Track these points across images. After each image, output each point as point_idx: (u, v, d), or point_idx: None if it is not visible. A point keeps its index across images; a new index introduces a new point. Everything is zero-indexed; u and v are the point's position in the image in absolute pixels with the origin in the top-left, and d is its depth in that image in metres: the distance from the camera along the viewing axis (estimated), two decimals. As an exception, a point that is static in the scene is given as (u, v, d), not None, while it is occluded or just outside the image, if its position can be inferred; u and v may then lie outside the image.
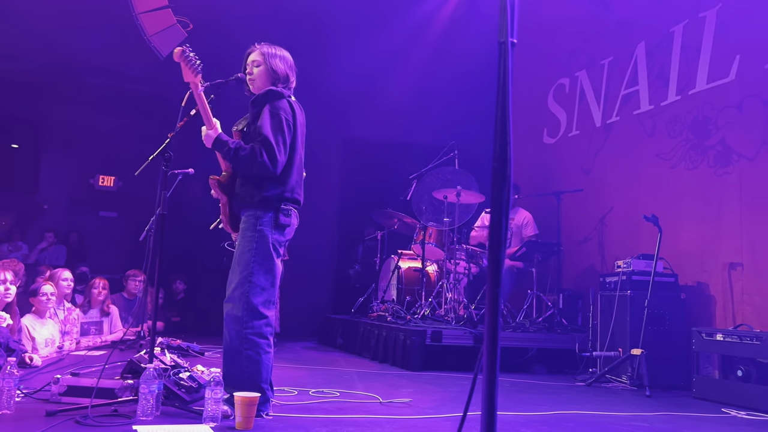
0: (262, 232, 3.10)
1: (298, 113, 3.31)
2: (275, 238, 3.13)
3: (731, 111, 5.40)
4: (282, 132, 3.13)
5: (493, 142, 1.15)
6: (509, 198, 1.15)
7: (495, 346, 1.20)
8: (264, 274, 3.09)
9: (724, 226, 5.33)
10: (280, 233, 3.16)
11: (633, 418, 3.61)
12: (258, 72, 3.32)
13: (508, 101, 1.15)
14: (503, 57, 1.16)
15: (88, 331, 5.92)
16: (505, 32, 1.18)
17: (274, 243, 3.13)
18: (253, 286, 3.06)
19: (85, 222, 9.00)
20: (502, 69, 1.16)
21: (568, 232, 6.89)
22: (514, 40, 1.21)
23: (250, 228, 3.13)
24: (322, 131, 9.13)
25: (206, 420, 2.83)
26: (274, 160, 3.06)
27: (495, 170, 1.14)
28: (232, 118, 3.47)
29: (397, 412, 3.41)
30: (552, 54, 8.10)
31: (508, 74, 1.15)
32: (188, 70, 3.07)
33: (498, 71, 1.17)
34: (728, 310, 5.19)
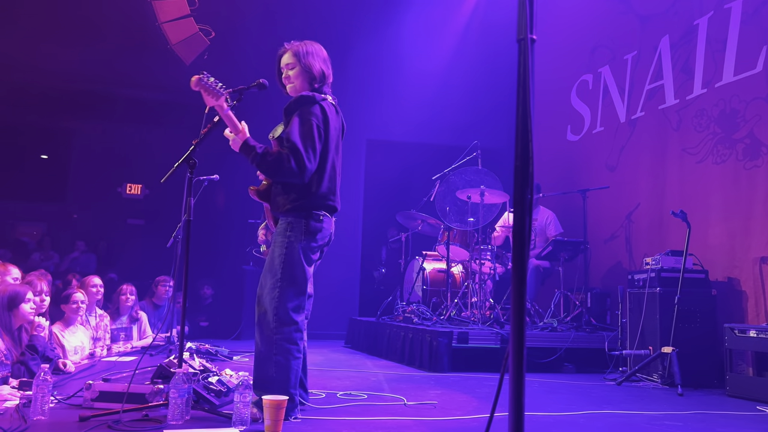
0: (292, 238, 3.11)
1: (332, 118, 3.25)
2: (305, 244, 3.13)
3: (759, 103, 5.30)
4: (312, 139, 3.08)
5: (515, 141, 1.14)
6: (532, 197, 1.14)
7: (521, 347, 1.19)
8: (293, 281, 3.09)
9: (754, 220, 5.23)
10: (311, 239, 3.15)
11: (665, 417, 3.55)
12: (294, 74, 3.30)
13: (529, 98, 1.14)
14: (523, 54, 1.15)
15: (117, 338, 6.00)
16: (525, 29, 1.17)
17: (304, 249, 3.13)
18: (283, 292, 3.07)
19: (113, 230, 9.14)
20: (522, 66, 1.15)
21: (594, 230, 6.82)
22: (533, 36, 1.20)
23: (281, 234, 3.15)
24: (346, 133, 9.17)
25: (236, 423, 2.85)
26: (302, 167, 3.02)
27: (517, 169, 1.13)
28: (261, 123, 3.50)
29: (424, 414, 3.40)
30: (574, 50, 8.03)
31: (529, 71, 1.14)
32: (209, 96, 3.06)
33: (518, 68, 1.17)
34: (760, 306, 5.09)
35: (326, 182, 3.18)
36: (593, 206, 6.76)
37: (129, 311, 6.18)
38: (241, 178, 8.47)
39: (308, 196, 3.12)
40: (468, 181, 6.42)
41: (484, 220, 6.32)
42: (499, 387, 1.65)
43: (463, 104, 8.78)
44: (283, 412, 2.82)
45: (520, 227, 1.14)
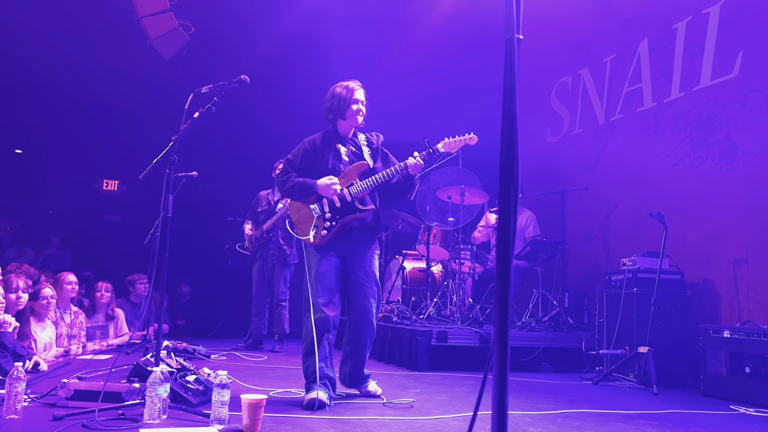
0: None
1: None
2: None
3: (735, 107, 5.39)
4: None
5: (501, 140, 1.14)
6: (517, 196, 1.14)
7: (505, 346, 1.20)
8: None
9: (729, 223, 5.32)
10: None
11: (641, 416, 3.59)
12: (365, 110, 4.05)
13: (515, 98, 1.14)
14: (509, 54, 1.16)
15: (93, 336, 5.93)
16: (512, 28, 1.17)
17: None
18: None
19: (89, 226, 9.01)
20: (509, 66, 1.15)
21: (572, 231, 6.87)
22: (520, 36, 1.20)
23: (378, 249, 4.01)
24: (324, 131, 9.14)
25: (213, 422, 2.83)
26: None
27: (503, 168, 1.13)
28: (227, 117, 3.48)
29: (403, 412, 3.40)
30: (554, 52, 8.09)
31: (515, 71, 1.15)
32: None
33: (504, 68, 1.17)
34: (734, 307, 5.17)
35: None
36: (572, 207, 6.82)
37: (105, 309, 6.10)
38: (220, 175, 8.43)
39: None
40: (449, 181, 6.43)
41: (464, 219, 6.34)
42: (482, 387, 1.65)
43: (444, 103, 8.79)
44: (262, 410, 2.81)
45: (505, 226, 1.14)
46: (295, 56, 8.91)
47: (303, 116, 9.07)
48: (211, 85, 3.21)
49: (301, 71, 8.94)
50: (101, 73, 8.47)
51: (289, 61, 8.90)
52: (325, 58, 8.89)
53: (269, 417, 3.04)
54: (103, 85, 8.64)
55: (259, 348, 6.49)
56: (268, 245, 6.52)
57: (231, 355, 5.89)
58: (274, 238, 6.51)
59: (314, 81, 8.92)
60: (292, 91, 8.94)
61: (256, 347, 6.51)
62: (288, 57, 8.88)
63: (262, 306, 6.61)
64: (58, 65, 8.27)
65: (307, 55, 8.90)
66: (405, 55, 9.09)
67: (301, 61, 8.91)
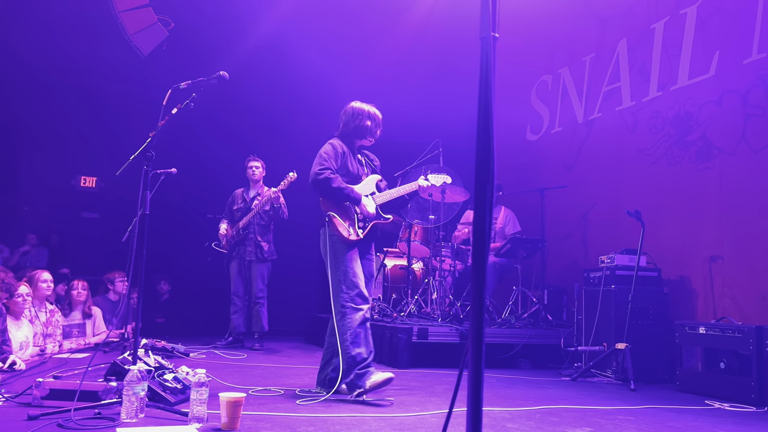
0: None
1: None
2: None
3: (712, 106, 5.46)
4: None
5: (476, 137, 1.15)
6: (493, 193, 1.15)
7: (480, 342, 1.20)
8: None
9: (705, 221, 5.39)
10: None
11: (618, 411, 3.63)
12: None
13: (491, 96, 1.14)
14: (485, 51, 1.16)
15: (70, 334, 5.86)
16: (488, 26, 1.17)
17: None
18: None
19: (66, 223, 8.89)
20: (485, 64, 1.16)
21: (551, 228, 6.93)
22: (496, 34, 1.21)
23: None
24: (307, 127, 9.11)
25: (192, 421, 2.81)
26: None
27: (478, 165, 1.14)
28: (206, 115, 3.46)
29: (383, 409, 3.41)
30: (535, 51, 8.13)
31: (491, 69, 1.15)
32: None
33: (480, 65, 1.17)
34: (710, 303, 5.25)
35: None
36: (551, 205, 6.87)
37: (82, 307, 6.03)
38: (199, 172, 8.36)
39: None
40: (429, 179, 6.43)
41: (445, 217, 6.35)
42: (457, 383, 1.66)
43: (425, 101, 8.80)
44: (241, 409, 2.79)
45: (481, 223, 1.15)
46: (274, 54, 8.87)
47: (281, 113, 9.05)
48: (189, 81, 3.18)
49: (279, 69, 8.90)
50: (79, 67, 8.36)
51: (268, 58, 8.86)
52: (303, 57, 8.86)
53: (248, 415, 3.03)
54: (81, 79, 8.52)
55: (239, 346, 6.46)
56: (245, 242, 6.49)
57: (210, 353, 5.86)
58: (251, 235, 6.48)
59: (292, 79, 8.91)
60: (272, 89, 8.90)
61: (236, 345, 6.48)
62: (267, 55, 8.83)
63: (240, 303, 6.58)
64: (34, 59, 8.14)
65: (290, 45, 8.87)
66: (382, 54, 9.09)
67: (279, 60, 8.88)
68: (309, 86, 9.00)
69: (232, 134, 8.64)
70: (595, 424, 3.22)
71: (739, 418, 3.66)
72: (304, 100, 9.06)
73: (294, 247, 8.50)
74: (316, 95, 9.06)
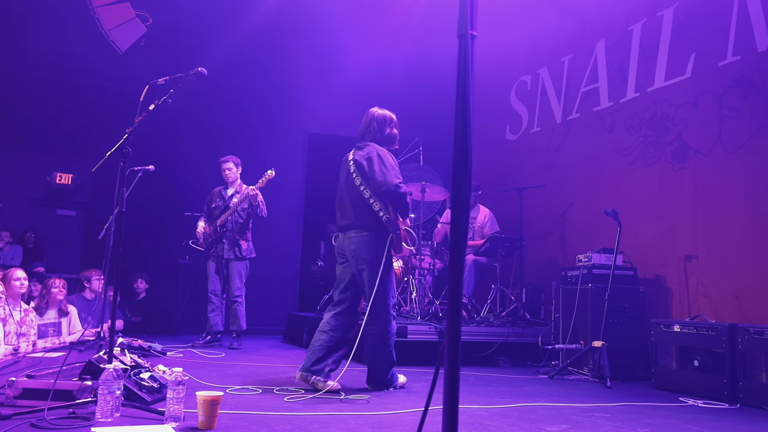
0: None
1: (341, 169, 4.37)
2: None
3: (688, 108, 5.54)
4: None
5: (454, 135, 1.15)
6: (470, 188, 1.15)
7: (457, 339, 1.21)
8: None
9: (680, 220, 5.47)
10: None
11: (594, 409, 3.67)
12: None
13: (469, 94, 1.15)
14: (463, 49, 1.16)
15: (45, 333, 5.77)
16: (465, 25, 1.18)
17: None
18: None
19: (42, 221, 8.76)
20: (463, 61, 1.16)
21: (530, 228, 6.98)
22: (474, 32, 1.21)
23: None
24: (287, 125, 9.08)
25: (168, 420, 2.79)
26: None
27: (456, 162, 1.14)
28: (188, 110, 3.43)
29: (362, 408, 3.41)
30: (514, 51, 8.18)
31: (469, 67, 1.15)
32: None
33: (458, 64, 1.17)
34: (684, 302, 5.33)
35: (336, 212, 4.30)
36: (529, 204, 6.92)
37: (58, 305, 5.94)
38: (177, 169, 8.29)
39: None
40: (409, 178, 6.45)
41: (425, 216, 6.37)
42: (433, 382, 1.66)
43: (405, 100, 8.80)
44: (218, 407, 2.78)
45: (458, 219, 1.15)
46: (258, 47, 8.83)
47: (261, 111, 9.00)
48: (167, 77, 3.15)
49: (259, 66, 8.86)
50: (55, 63, 8.24)
51: (249, 55, 8.81)
52: (283, 55, 8.84)
53: (226, 414, 3.01)
54: (57, 75, 8.40)
55: (217, 345, 6.42)
56: (223, 241, 6.45)
57: (188, 352, 5.81)
58: (228, 233, 6.44)
59: (277, 71, 8.87)
60: (252, 86, 8.85)
61: (214, 344, 6.43)
62: (247, 52, 8.78)
63: (217, 302, 6.53)
64: (8, 55, 8.01)
65: (270, 46, 8.83)
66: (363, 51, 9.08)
67: (264, 52, 8.84)
68: (289, 84, 8.97)
69: (211, 131, 8.58)
70: (572, 422, 3.25)
71: (711, 414, 3.72)
72: (283, 97, 9.02)
73: (272, 245, 8.46)
74: (296, 93, 9.03)
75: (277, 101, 9.02)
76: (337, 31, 8.90)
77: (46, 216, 8.78)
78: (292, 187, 9.00)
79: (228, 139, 8.51)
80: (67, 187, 8.74)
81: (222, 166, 6.65)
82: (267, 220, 6.69)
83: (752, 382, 4.03)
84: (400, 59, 8.97)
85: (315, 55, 8.95)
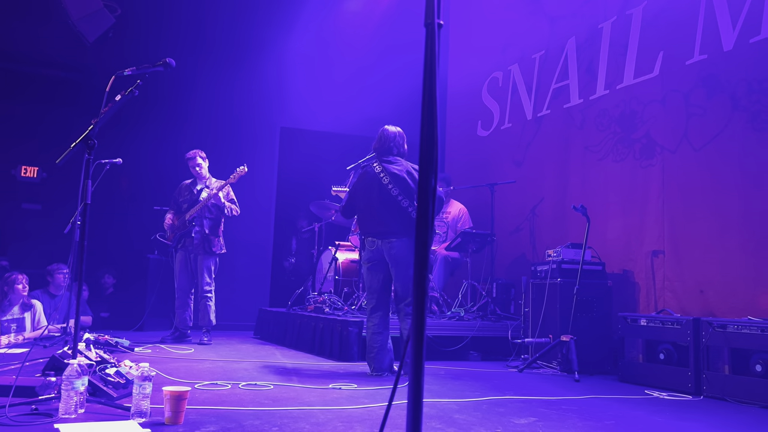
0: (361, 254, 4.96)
1: (360, 177, 4.90)
2: (362, 256, 4.84)
3: (655, 105, 5.62)
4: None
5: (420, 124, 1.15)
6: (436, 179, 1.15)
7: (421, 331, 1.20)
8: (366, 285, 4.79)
9: (647, 216, 5.55)
10: (364, 252, 4.76)
11: (562, 402, 3.71)
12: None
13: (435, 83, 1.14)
14: (430, 38, 1.16)
15: (8, 329, 5.66)
16: (432, 13, 1.17)
17: (363, 259, 4.80)
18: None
19: (6, 215, 8.56)
20: (429, 51, 1.16)
21: (501, 223, 7.03)
22: (440, 21, 1.21)
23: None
24: (258, 119, 9.00)
25: (134, 416, 2.75)
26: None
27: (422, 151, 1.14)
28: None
29: (332, 402, 3.40)
30: (487, 48, 8.22)
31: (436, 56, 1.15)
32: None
33: (425, 53, 1.17)
34: (651, 296, 5.42)
35: (360, 216, 4.84)
36: (500, 200, 6.97)
37: (20, 301, 5.82)
38: (145, 163, 8.17)
39: (359, 227, 5.02)
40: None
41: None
42: (398, 376, 1.66)
43: (379, 95, 8.80)
44: (185, 403, 2.74)
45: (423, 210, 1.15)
46: (231, 40, 8.74)
47: (232, 104, 8.91)
48: (134, 68, 3.09)
49: (236, 54, 8.77)
50: (20, 53, 8.05)
51: (219, 48, 8.71)
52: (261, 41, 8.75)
53: (193, 409, 2.98)
54: (22, 66, 8.21)
55: (186, 340, 6.35)
56: (191, 235, 6.37)
57: (156, 348, 5.74)
58: (197, 227, 6.37)
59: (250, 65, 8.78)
60: (223, 79, 8.75)
61: (183, 340, 6.36)
62: (217, 44, 8.68)
63: (185, 297, 6.46)
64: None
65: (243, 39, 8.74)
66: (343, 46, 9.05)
67: (236, 44, 8.74)
68: (260, 77, 8.89)
69: (180, 124, 8.46)
70: (540, 414, 3.28)
71: (676, 406, 3.79)
72: (255, 90, 8.94)
73: (244, 240, 8.40)
74: (268, 86, 8.96)
75: (249, 94, 8.93)
76: (311, 26, 8.85)
77: (11, 210, 8.59)
78: (264, 181, 8.93)
79: (198, 132, 8.40)
80: (32, 180, 8.56)
81: (189, 163, 6.53)
82: (238, 216, 6.63)
83: (715, 374, 4.12)
84: (373, 53, 8.95)
85: (288, 49, 8.88)
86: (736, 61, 4.92)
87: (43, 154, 8.40)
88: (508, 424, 2.99)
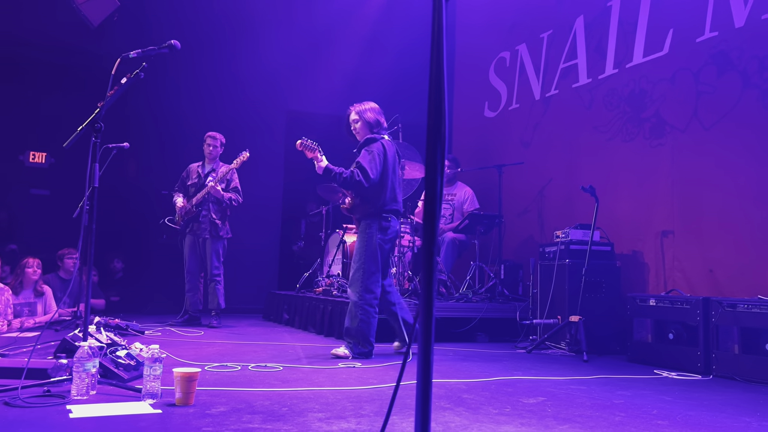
0: (371, 235, 4.39)
1: (389, 149, 4.49)
2: (379, 238, 4.39)
3: (665, 84, 5.56)
4: (374, 160, 4.37)
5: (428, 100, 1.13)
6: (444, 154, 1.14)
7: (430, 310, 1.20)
8: (372, 264, 4.34)
9: (657, 196, 5.52)
10: (383, 234, 4.41)
11: (571, 381, 3.72)
12: (359, 127, 4.63)
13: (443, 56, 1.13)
14: (437, 12, 1.14)
15: (21, 313, 5.71)
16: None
17: (379, 242, 4.38)
18: (365, 272, 4.33)
19: (15, 200, 8.60)
20: (436, 23, 1.14)
21: (508, 204, 7.00)
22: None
23: (362, 232, 4.44)
24: (266, 103, 8.97)
25: (145, 397, 2.77)
26: (366, 177, 4.30)
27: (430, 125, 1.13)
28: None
29: (341, 383, 3.41)
30: (493, 27, 8.14)
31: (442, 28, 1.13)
32: (309, 152, 4.43)
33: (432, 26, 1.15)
34: (660, 277, 5.39)
35: (388, 193, 4.44)
36: (508, 181, 6.94)
37: (33, 285, 5.86)
38: (153, 147, 8.17)
39: (376, 202, 4.43)
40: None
41: (405, 193, 6.35)
42: (406, 355, 1.66)
43: (385, 77, 8.75)
44: (195, 384, 2.76)
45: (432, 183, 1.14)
46: (237, 24, 8.69)
47: (239, 88, 8.88)
48: (139, 50, 3.08)
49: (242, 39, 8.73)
50: (26, 40, 8.04)
51: (226, 31, 8.67)
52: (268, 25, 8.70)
53: (203, 391, 3.00)
54: (28, 52, 8.20)
55: (196, 324, 6.39)
56: (199, 219, 6.38)
57: (166, 331, 5.78)
58: (204, 212, 6.38)
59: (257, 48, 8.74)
60: (230, 62, 8.72)
61: (193, 323, 6.40)
62: (224, 27, 8.64)
63: (195, 281, 6.49)
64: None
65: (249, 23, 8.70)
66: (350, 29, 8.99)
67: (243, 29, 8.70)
68: (268, 60, 8.85)
69: (188, 108, 8.45)
70: (549, 394, 3.29)
71: (685, 386, 3.78)
72: (262, 74, 8.91)
73: (252, 224, 8.41)
74: (275, 69, 8.92)
75: (256, 78, 8.90)
76: (317, 8, 8.78)
77: (20, 196, 8.63)
78: (271, 165, 8.92)
79: (205, 116, 8.39)
80: (40, 166, 8.59)
81: (207, 140, 6.56)
82: (246, 200, 6.65)
83: (725, 354, 4.11)
84: (379, 35, 8.89)
85: (294, 31, 8.83)
86: (748, 37, 4.85)
87: (50, 139, 8.43)
88: (517, 404, 2.99)
